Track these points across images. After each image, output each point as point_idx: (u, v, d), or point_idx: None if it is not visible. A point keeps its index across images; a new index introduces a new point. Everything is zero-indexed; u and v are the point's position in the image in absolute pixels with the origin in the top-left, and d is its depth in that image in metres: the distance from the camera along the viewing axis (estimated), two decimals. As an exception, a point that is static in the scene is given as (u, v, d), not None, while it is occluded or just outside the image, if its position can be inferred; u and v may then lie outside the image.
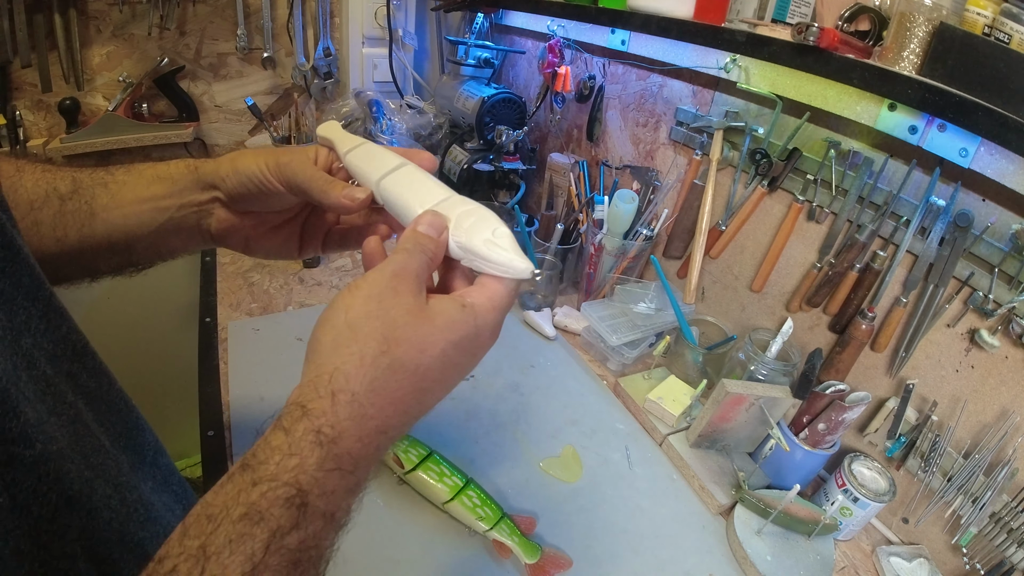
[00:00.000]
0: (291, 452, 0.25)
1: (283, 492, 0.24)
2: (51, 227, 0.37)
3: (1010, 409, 0.58)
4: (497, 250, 0.32)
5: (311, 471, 0.25)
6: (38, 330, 0.28)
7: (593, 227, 0.96)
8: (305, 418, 0.26)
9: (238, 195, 0.39)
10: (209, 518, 0.23)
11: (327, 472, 0.25)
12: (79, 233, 0.38)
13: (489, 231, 0.33)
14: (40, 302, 0.28)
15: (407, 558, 0.55)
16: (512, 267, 0.32)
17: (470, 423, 0.72)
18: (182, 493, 0.41)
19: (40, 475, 0.24)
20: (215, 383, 0.72)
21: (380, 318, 0.28)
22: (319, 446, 0.25)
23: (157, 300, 1.42)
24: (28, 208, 0.37)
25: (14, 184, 0.37)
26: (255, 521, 0.23)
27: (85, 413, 0.30)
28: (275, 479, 0.24)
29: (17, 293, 0.27)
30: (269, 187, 0.38)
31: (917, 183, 0.64)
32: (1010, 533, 0.57)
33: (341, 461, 0.26)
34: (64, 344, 0.30)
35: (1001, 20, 0.52)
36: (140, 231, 0.39)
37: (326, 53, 1.33)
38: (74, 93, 1.16)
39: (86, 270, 0.40)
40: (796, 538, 0.63)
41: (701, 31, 0.75)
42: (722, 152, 0.85)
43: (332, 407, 0.26)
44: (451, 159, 1.15)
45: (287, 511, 0.24)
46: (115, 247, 0.39)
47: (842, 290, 0.72)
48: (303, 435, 0.26)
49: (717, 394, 0.67)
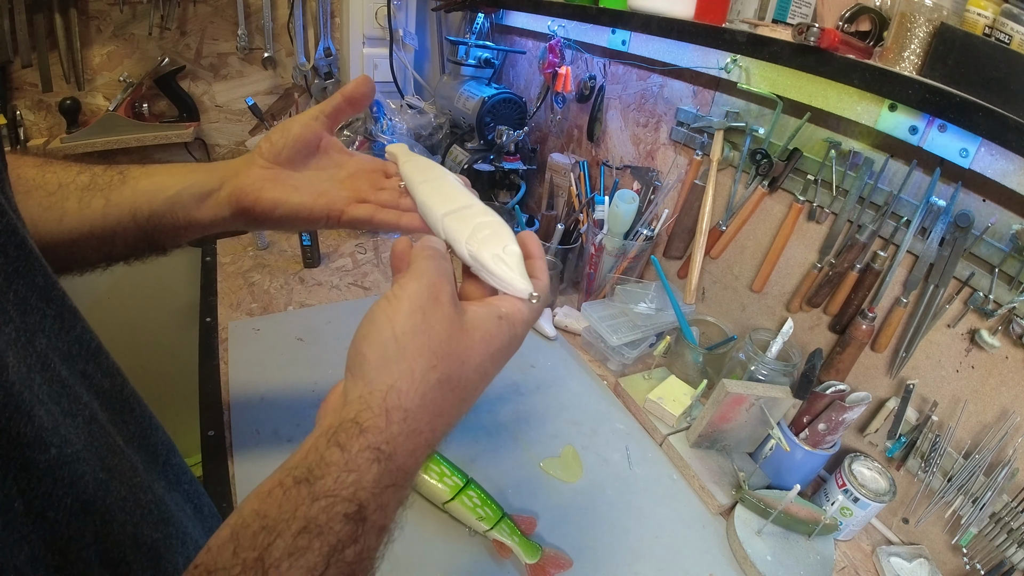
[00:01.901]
0: (349, 468, 0.26)
1: (342, 508, 0.25)
2: (77, 199, 0.38)
3: (1010, 409, 0.58)
4: (502, 267, 0.33)
5: (369, 487, 0.26)
6: (52, 331, 0.28)
7: (593, 227, 0.96)
8: (362, 435, 0.26)
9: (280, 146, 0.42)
10: (266, 530, 0.24)
11: (384, 488, 0.26)
12: (105, 200, 0.39)
13: (500, 247, 0.34)
14: (54, 303, 0.28)
15: (407, 558, 0.55)
16: (512, 286, 0.33)
17: (470, 423, 0.72)
18: (193, 492, 0.41)
19: (55, 479, 0.24)
20: (215, 383, 0.72)
21: (426, 332, 0.28)
22: (377, 463, 0.26)
23: (157, 300, 1.42)
24: (57, 186, 0.38)
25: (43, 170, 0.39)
26: (315, 535, 0.24)
27: (100, 413, 0.30)
28: (334, 495, 0.25)
29: (31, 294, 0.27)
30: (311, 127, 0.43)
31: (917, 183, 0.64)
32: (1010, 533, 0.57)
33: (396, 477, 0.27)
34: (78, 344, 0.30)
35: (1001, 21, 0.52)
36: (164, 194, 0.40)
37: (327, 53, 1.33)
38: (74, 93, 1.16)
39: (103, 250, 0.41)
40: (796, 538, 0.63)
41: (702, 31, 0.75)
42: (723, 152, 0.85)
43: (387, 424, 0.27)
44: (451, 159, 1.15)
45: (346, 526, 0.25)
46: (137, 213, 0.40)
47: (842, 290, 0.72)
48: (359, 452, 0.26)
49: (717, 394, 0.67)
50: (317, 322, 0.86)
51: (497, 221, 0.36)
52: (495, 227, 0.35)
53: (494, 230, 0.35)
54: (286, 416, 0.68)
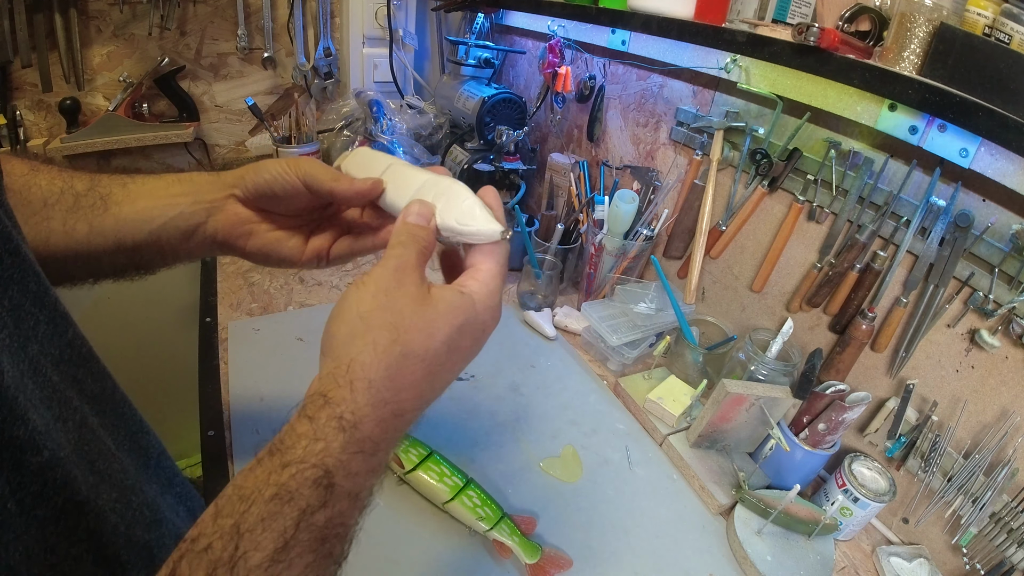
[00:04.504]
0: (316, 437, 0.27)
1: (311, 473, 0.26)
2: (62, 221, 0.38)
3: (1010, 409, 0.58)
4: (468, 222, 0.35)
5: (336, 454, 0.27)
6: (45, 336, 0.28)
7: (593, 227, 0.96)
8: (327, 406, 0.28)
9: (256, 189, 0.41)
10: (241, 499, 0.25)
11: (351, 455, 0.27)
12: (88, 227, 0.38)
13: (459, 207, 0.36)
14: (47, 308, 0.29)
15: (407, 558, 0.55)
16: (484, 234, 0.35)
17: (470, 423, 0.72)
18: (185, 495, 0.41)
19: (46, 480, 0.25)
20: (215, 383, 0.72)
21: (389, 309, 0.30)
22: (342, 431, 0.27)
23: (157, 300, 1.42)
24: (42, 204, 0.38)
25: (28, 183, 0.38)
26: (285, 500, 0.25)
27: (91, 418, 0.31)
28: (303, 462, 0.26)
29: (25, 299, 0.27)
30: (287, 181, 0.40)
31: (917, 183, 0.64)
32: (1010, 533, 0.57)
33: (363, 444, 0.28)
34: (70, 349, 0.31)
35: (1001, 20, 0.52)
36: (148, 226, 0.40)
37: (326, 53, 1.33)
38: (74, 93, 1.16)
39: (90, 269, 0.40)
40: (796, 538, 0.63)
41: (701, 31, 0.75)
42: (722, 152, 0.85)
43: (352, 395, 0.28)
44: (451, 159, 1.15)
45: (315, 491, 0.26)
46: (121, 244, 0.39)
47: (842, 290, 0.72)
48: (327, 422, 0.27)
49: (717, 394, 0.67)
50: (317, 322, 0.85)
51: (449, 183, 0.37)
52: (449, 191, 0.37)
53: (449, 194, 0.36)
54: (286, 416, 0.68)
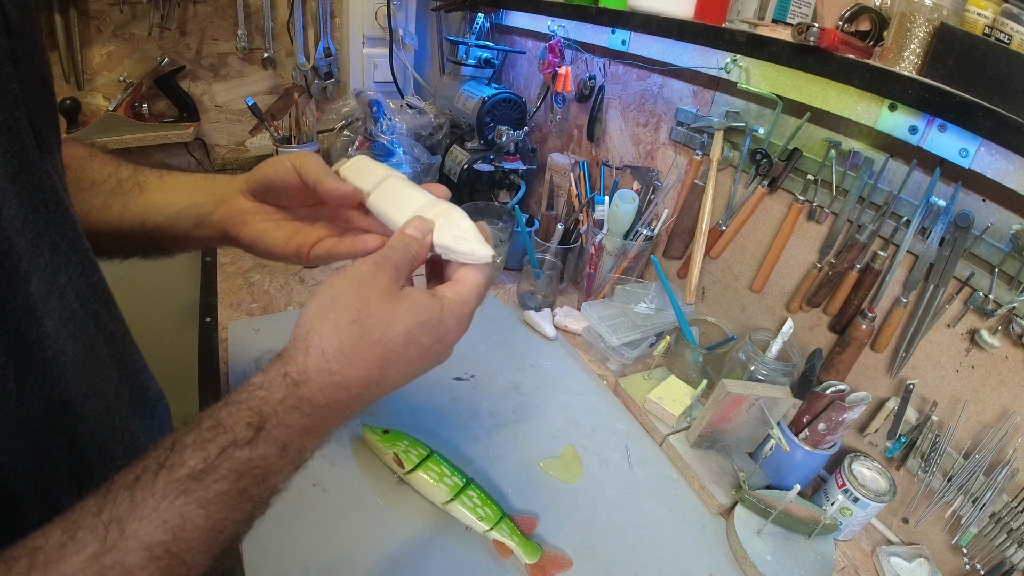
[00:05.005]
0: (261, 387, 0.31)
1: (246, 414, 0.29)
2: (103, 201, 0.44)
3: (1010, 409, 0.58)
4: (462, 242, 0.38)
5: (274, 403, 0.30)
6: (74, 272, 0.32)
7: (593, 227, 0.96)
8: (279, 363, 0.32)
9: (258, 180, 0.45)
10: (186, 426, 0.29)
11: (288, 408, 0.30)
12: (123, 207, 0.44)
13: (456, 227, 0.39)
14: (80, 252, 0.33)
15: (407, 558, 0.55)
16: (475, 255, 0.38)
17: (470, 423, 0.72)
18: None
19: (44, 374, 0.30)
20: (215, 383, 0.72)
21: (357, 295, 0.34)
22: (285, 386, 0.31)
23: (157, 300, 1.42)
24: (90, 184, 0.44)
25: (83, 165, 0.44)
26: (218, 431, 0.29)
27: (101, 346, 0.35)
28: (243, 403, 0.30)
29: (62, 240, 0.31)
30: (283, 167, 0.44)
31: (917, 183, 0.64)
32: (1010, 533, 0.57)
33: (301, 402, 0.31)
34: (95, 289, 0.35)
35: (1001, 20, 0.52)
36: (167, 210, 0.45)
37: (326, 53, 1.33)
38: (74, 93, 1.16)
39: (118, 245, 0.46)
40: (796, 538, 0.63)
41: (701, 31, 0.75)
42: (722, 152, 0.85)
43: (304, 359, 0.32)
44: (451, 159, 1.15)
45: (246, 431, 0.29)
46: (145, 224, 0.45)
47: (842, 290, 0.72)
48: (274, 376, 0.31)
49: (717, 394, 0.67)
50: (317, 322, 0.86)
51: (448, 207, 0.41)
52: (448, 213, 0.40)
53: (447, 216, 0.40)
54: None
